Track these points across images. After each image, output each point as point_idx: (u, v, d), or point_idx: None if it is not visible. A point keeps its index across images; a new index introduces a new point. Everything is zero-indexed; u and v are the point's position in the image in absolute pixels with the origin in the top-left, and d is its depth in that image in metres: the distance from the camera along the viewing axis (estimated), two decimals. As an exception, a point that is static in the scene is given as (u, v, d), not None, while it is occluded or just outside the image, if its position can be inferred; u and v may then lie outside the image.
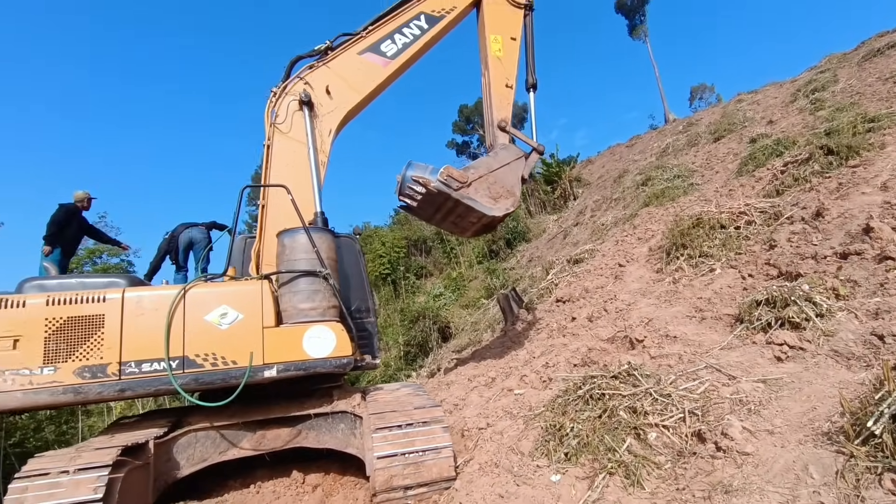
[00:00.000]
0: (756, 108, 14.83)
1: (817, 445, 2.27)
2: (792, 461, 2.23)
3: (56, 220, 6.61)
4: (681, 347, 4.07)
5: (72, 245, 7.17)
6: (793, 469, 2.19)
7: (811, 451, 2.24)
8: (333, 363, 3.82)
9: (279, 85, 5.09)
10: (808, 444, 2.31)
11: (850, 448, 2.08)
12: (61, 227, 6.66)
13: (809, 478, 2.09)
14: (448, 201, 5.02)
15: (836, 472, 2.05)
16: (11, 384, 3.20)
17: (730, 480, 2.29)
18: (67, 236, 6.91)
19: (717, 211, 6.59)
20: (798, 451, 2.29)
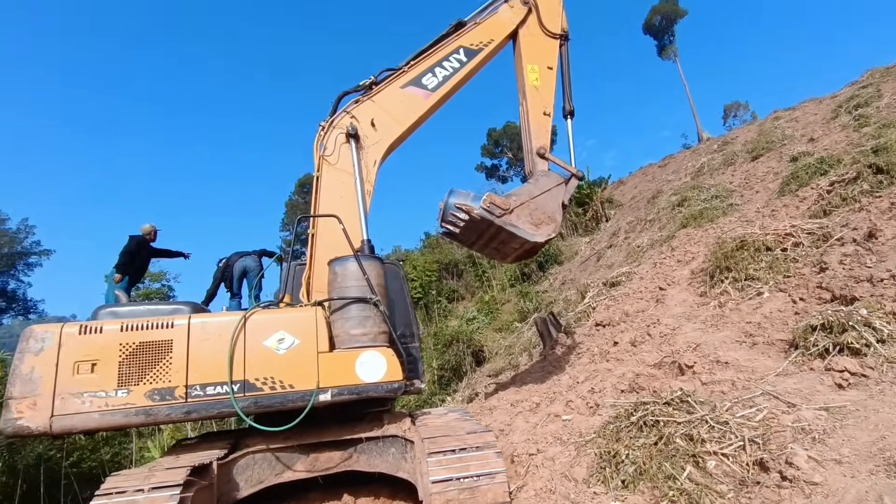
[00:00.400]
0: (795, 126, 14.55)
1: (890, 475, 2.22)
2: (864, 492, 2.19)
3: (127, 250, 7.19)
4: (733, 374, 4.01)
5: (139, 273, 7.72)
6: (866, 500, 2.14)
7: (884, 482, 2.19)
8: (385, 388, 3.91)
9: (327, 119, 5.33)
10: (880, 474, 2.26)
11: (928, 479, 2.04)
12: (132, 258, 7.18)
13: (885, 509, 2.05)
14: (491, 228, 5.13)
15: (915, 504, 2.00)
16: (90, 406, 3.40)
17: (799, 511, 2.26)
18: (135, 265, 7.45)
19: (762, 232, 6.47)
20: (870, 482, 2.24)
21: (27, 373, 3.40)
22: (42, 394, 3.37)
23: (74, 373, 3.45)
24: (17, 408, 3.32)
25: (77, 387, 3.43)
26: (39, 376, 3.40)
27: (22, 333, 3.53)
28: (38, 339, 3.48)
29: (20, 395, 3.35)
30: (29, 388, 3.37)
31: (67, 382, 3.42)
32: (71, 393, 3.41)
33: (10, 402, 3.32)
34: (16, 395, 3.34)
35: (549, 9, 6.19)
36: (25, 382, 3.37)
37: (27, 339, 3.48)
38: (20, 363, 3.41)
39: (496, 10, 6.07)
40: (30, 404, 3.34)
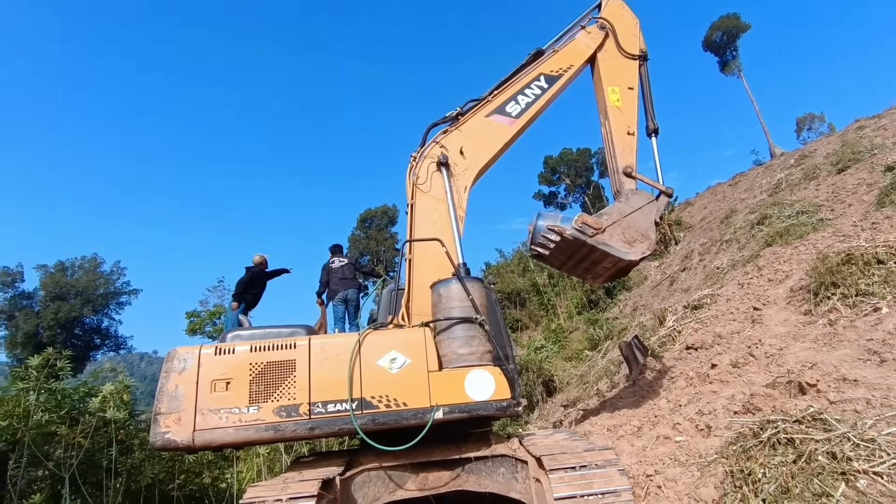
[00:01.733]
0: (884, 134, 13.72)
1: None
2: None
3: (242, 280, 8.09)
4: (865, 392, 3.75)
5: (255, 300, 8.45)
6: None
7: None
8: (494, 406, 3.95)
9: (418, 150, 5.60)
10: None
11: None
12: (247, 287, 7.94)
13: None
14: (583, 248, 5.14)
15: None
16: (226, 421, 3.66)
17: None
18: (251, 294, 8.29)
19: (871, 245, 6.10)
20: None
21: (172, 390, 3.71)
22: (186, 410, 3.66)
23: (212, 390, 3.73)
24: (164, 423, 3.63)
25: (215, 403, 3.70)
26: (183, 394, 3.70)
27: (167, 355, 3.87)
28: (180, 360, 3.81)
29: (167, 410, 3.66)
30: (174, 404, 3.67)
31: (206, 399, 3.70)
32: (210, 409, 3.68)
33: (159, 417, 3.63)
34: (163, 410, 3.65)
35: (626, 31, 6.28)
36: (171, 399, 3.68)
37: (172, 359, 3.81)
38: (166, 381, 3.73)
39: (573, 37, 6.24)
40: (175, 419, 3.64)
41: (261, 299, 8.45)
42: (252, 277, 8.34)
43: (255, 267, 8.55)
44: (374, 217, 42.32)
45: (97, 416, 6.94)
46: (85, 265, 37.02)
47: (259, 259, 8.61)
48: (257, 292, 8.38)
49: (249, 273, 8.35)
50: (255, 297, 8.34)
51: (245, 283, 8.18)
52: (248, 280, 8.25)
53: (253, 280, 8.33)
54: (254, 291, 8.27)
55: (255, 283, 8.37)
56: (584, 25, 6.28)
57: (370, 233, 41.58)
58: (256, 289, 8.33)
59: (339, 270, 8.45)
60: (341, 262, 8.62)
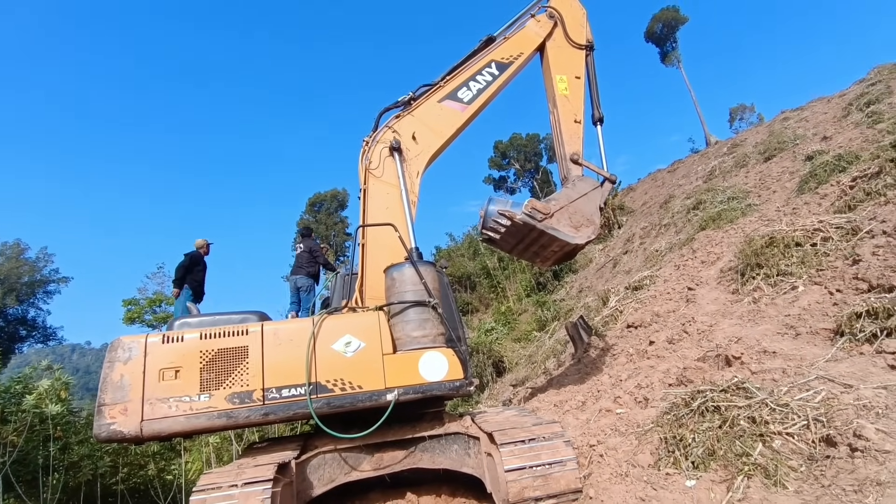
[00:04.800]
0: (805, 125, 14.74)
1: (962, 440, 2.36)
2: (939, 455, 2.33)
3: (181, 265, 7.57)
4: (782, 362, 4.15)
5: (200, 286, 8.06)
6: (942, 462, 2.29)
7: (958, 446, 2.34)
8: (448, 386, 4.08)
9: (370, 135, 5.58)
10: (951, 439, 2.41)
11: None
12: (186, 272, 7.56)
13: (963, 468, 2.19)
14: (532, 232, 5.32)
15: None
16: (176, 410, 3.59)
17: (876, 476, 2.40)
18: (194, 280, 7.86)
19: (791, 229, 6.63)
20: (943, 447, 2.38)
21: (117, 381, 3.60)
22: (132, 400, 3.56)
23: (160, 379, 3.65)
24: (109, 413, 3.52)
25: (163, 392, 3.62)
26: (129, 383, 3.60)
27: (110, 344, 3.73)
28: (125, 349, 3.69)
29: (112, 401, 3.54)
30: (120, 394, 3.56)
31: (154, 388, 3.62)
32: (158, 398, 3.60)
33: (103, 408, 3.52)
34: (108, 401, 3.54)
35: (574, 21, 6.46)
36: (116, 390, 3.57)
37: (116, 349, 3.68)
38: (110, 372, 3.61)
39: (523, 25, 6.35)
40: (121, 410, 3.53)
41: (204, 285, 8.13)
42: (192, 262, 8.00)
43: (196, 251, 8.20)
44: (324, 201, 41.46)
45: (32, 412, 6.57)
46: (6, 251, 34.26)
47: (201, 243, 8.26)
48: (200, 278, 8.05)
49: (189, 257, 8.01)
50: (199, 284, 8.01)
51: (185, 268, 7.83)
52: (189, 264, 7.91)
53: (193, 265, 7.99)
54: (196, 277, 7.93)
55: (196, 268, 8.03)
56: (533, 14, 6.40)
57: (320, 217, 40.73)
58: (197, 274, 7.99)
59: (296, 258, 8.44)
60: (299, 247, 8.57)
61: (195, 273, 7.94)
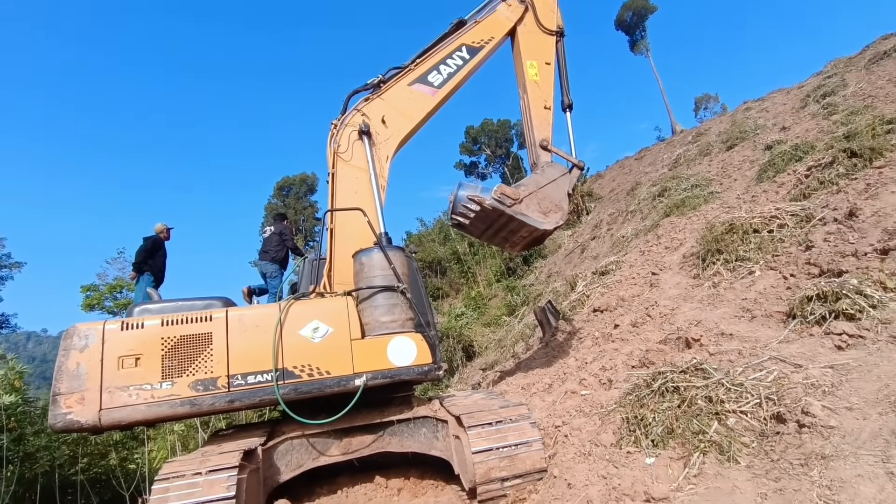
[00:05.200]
0: (766, 116, 15.19)
1: (899, 415, 2.52)
2: (878, 429, 2.48)
3: (141, 249, 7.33)
4: (738, 344, 4.32)
5: (161, 272, 7.84)
6: (880, 435, 2.44)
7: (894, 420, 2.49)
8: (416, 370, 4.10)
9: (339, 118, 5.48)
10: (889, 414, 2.56)
11: (934, 413, 2.34)
12: (147, 257, 7.33)
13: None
14: (501, 217, 5.35)
15: (924, 435, 2.30)
16: (136, 398, 3.50)
17: (821, 450, 2.54)
18: (155, 265, 7.65)
19: (749, 216, 6.86)
20: (882, 421, 2.54)
21: (73, 369, 3.48)
22: (89, 388, 3.45)
23: (119, 367, 3.55)
24: (65, 403, 3.40)
25: (123, 381, 3.53)
26: (85, 372, 3.48)
27: (65, 332, 3.60)
28: (81, 337, 3.57)
29: (68, 390, 3.43)
30: (76, 383, 3.45)
31: (113, 377, 3.51)
32: (117, 387, 3.50)
33: (59, 397, 3.40)
34: (63, 390, 3.42)
35: (545, 7, 6.45)
36: (72, 378, 3.46)
37: (71, 336, 3.56)
38: (66, 360, 3.49)
39: (494, 9, 6.30)
40: (78, 399, 3.42)
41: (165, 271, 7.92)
42: (153, 246, 7.81)
43: (156, 236, 8.01)
44: (293, 185, 40.67)
45: None
46: (-48, 236, 32.44)
47: (160, 227, 8.06)
48: (160, 263, 7.85)
49: (150, 241, 7.82)
50: (159, 270, 7.82)
51: (146, 252, 7.65)
52: (150, 248, 7.73)
53: (154, 249, 7.80)
54: (156, 262, 7.74)
55: (156, 252, 7.84)
56: (505, -2, 6.36)
57: (288, 201, 39.98)
58: (158, 259, 7.80)
59: (264, 242, 8.28)
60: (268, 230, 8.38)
61: (156, 258, 7.75)
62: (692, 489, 2.81)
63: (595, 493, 3.07)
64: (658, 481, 2.90)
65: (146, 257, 7.62)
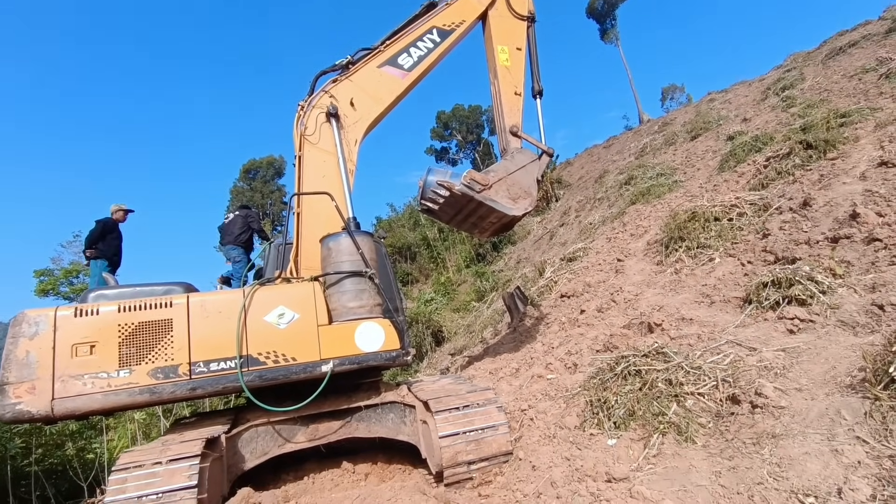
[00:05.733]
0: (728, 107, 15.61)
1: (844, 395, 2.66)
2: (825, 409, 2.61)
3: (90, 233, 6.97)
4: (697, 328, 4.46)
5: (117, 257, 7.45)
6: (826, 415, 2.57)
7: (840, 400, 2.63)
8: (384, 356, 4.09)
9: (306, 99, 5.33)
10: (835, 395, 2.70)
11: (875, 392, 2.48)
12: (96, 240, 6.96)
13: (843, 420, 2.47)
14: (470, 203, 5.35)
15: (865, 413, 2.44)
16: (91, 387, 3.38)
17: (772, 429, 2.66)
18: (107, 248, 7.24)
19: (710, 204, 7.07)
20: (828, 401, 2.67)
21: (22, 357, 3.32)
22: (41, 377, 3.31)
23: (73, 355, 3.40)
24: (14, 393, 3.25)
25: (77, 369, 3.39)
26: (36, 360, 3.33)
27: (13, 319, 3.42)
28: (31, 324, 3.40)
29: (17, 380, 3.27)
30: (26, 372, 3.30)
31: (67, 365, 3.37)
32: (71, 375, 3.37)
33: (7, 387, 3.25)
34: (12, 380, 3.27)
35: (516, -9, 6.40)
36: (22, 367, 3.30)
37: (20, 323, 3.39)
38: (14, 348, 3.32)
39: (466, -9, 6.22)
40: (28, 388, 3.28)
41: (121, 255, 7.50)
42: (104, 229, 7.35)
43: (109, 218, 7.54)
44: (260, 168, 39.68)
45: None
46: None
47: (114, 208, 7.61)
48: (113, 247, 7.41)
49: (100, 224, 7.37)
50: (113, 254, 7.38)
51: (95, 235, 7.23)
52: (99, 231, 7.29)
53: (104, 232, 7.34)
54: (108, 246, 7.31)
55: (108, 236, 7.38)
56: (477, -20, 6.28)
57: (255, 185, 39.03)
58: (110, 242, 7.36)
59: (226, 226, 7.88)
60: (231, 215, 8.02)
61: (108, 241, 7.33)
62: (651, 469, 2.91)
63: (558, 474, 3.14)
64: (619, 462, 2.99)
65: (96, 240, 7.21)
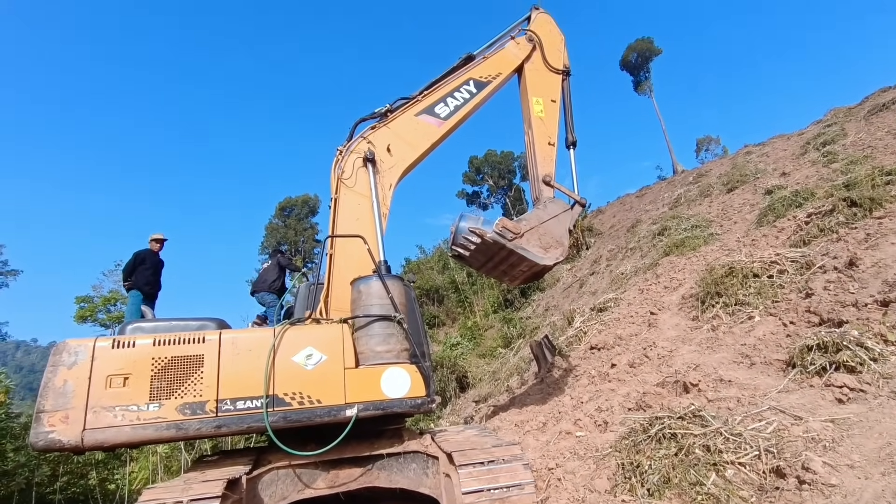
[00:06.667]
0: (766, 160, 15.39)
1: (902, 476, 2.45)
2: (881, 490, 2.41)
3: (125, 266, 7.14)
4: (737, 391, 4.25)
5: (154, 288, 7.50)
6: (883, 497, 2.37)
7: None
8: (409, 403, 4.01)
9: (344, 144, 5.51)
10: (892, 475, 2.50)
11: (938, 477, 2.28)
12: (129, 273, 7.12)
13: (903, 505, 2.27)
14: (502, 251, 5.35)
15: (928, 499, 2.24)
16: (122, 419, 3.41)
17: (822, 510, 2.47)
18: (139, 279, 7.31)
19: (749, 260, 6.87)
20: (884, 482, 2.47)
21: (60, 386, 3.39)
22: (74, 407, 3.36)
23: (107, 386, 3.46)
24: (48, 421, 3.31)
25: (109, 401, 3.44)
26: (72, 390, 3.40)
27: (54, 347, 3.53)
28: (71, 353, 3.49)
29: (52, 408, 3.34)
30: (61, 401, 3.36)
31: (100, 396, 3.42)
32: (103, 406, 3.41)
33: (42, 415, 3.31)
34: (48, 408, 3.33)
35: (552, 46, 6.60)
36: (58, 396, 3.37)
37: (60, 352, 3.48)
38: (53, 377, 3.41)
39: (503, 45, 6.44)
40: (62, 417, 3.33)
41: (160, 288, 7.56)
42: (136, 260, 7.36)
43: (146, 250, 7.55)
44: (295, 206, 40.85)
45: None
46: (-48, 240, 32.31)
47: (151, 238, 7.67)
48: (146, 277, 7.36)
49: (133, 256, 7.40)
50: (145, 283, 7.34)
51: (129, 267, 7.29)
52: (132, 263, 7.32)
53: (136, 263, 7.34)
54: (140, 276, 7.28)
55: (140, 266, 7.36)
56: (513, 36, 6.51)
57: (289, 222, 40.08)
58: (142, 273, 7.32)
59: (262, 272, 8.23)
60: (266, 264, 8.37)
61: (140, 272, 7.34)
62: (688, 543, 2.72)
63: (588, 542, 2.97)
64: (653, 533, 2.81)
65: (129, 272, 7.30)
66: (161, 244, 7.80)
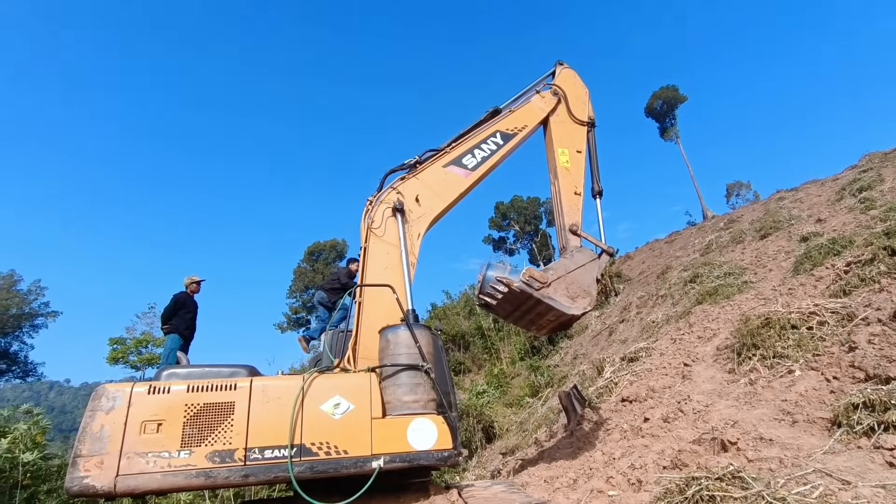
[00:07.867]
0: (800, 206, 15.08)
1: (965, 552, 2.27)
2: (942, 568, 2.24)
3: (164, 309, 7.30)
4: (779, 451, 4.05)
5: (187, 329, 7.53)
6: (945, 576, 2.19)
7: (961, 558, 2.25)
8: (436, 456, 3.96)
9: (374, 194, 5.72)
10: (953, 550, 2.32)
11: None
12: (170, 316, 7.28)
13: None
14: (529, 300, 5.34)
15: None
16: (153, 466, 3.46)
17: (878, 587, 2.29)
18: (180, 323, 7.42)
19: (786, 311, 6.65)
20: (945, 558, 2.30)
21: (97, 431, 3.49)
22: (109, 452, 3.44)
23: (141, 432, 3.54)
24: (84, 466, 3.39)
25: (143, 447, 3.51)
26: (108, 435, 3.49)
27: (94, 391, 3.65)
28: (109, 398, 3.60)
29: (89, 453, 3.42)
30: (97, 446, 3.45)
31: (134, 442, 3.50)
32: (137, 452, 3.48)
33: (78, 459, 3.39)
34: (84, 453, 3.42)
35: (577, 99, 6.79)
36: (94, 441, 3.46)
37: (100, 397, 3.60)
38: (91, 421, 3.51)
39: (529, 99, 6.67)
40: (97, 462, 3.41)
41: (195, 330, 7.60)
42: (175, 305, 7.45)
43: (184, 293, 7.64)
44: (323, 251, 41.69)
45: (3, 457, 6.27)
46: (0, 282, 34.01)
47: (188, 281, 7.76)
48: (186, 322, 7.43)
49: (173, 300, 7.48)
50: (186, 327, 7.40)
51: (168, 311, 7.38)
52: (171, 307, 7.42)
53: (176, 308, 7.44)
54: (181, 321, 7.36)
55: (179, 311, 7.45)
56: (538, 90, 6.74)
57: (317, 266, 40.81)
58: (183, 317, 7.41)
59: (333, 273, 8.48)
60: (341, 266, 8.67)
61: (180, 316, 7.43)
62: None
63: None
64: None
65: (170, 316, 7.39)
66: (199, 286, 7.90)
